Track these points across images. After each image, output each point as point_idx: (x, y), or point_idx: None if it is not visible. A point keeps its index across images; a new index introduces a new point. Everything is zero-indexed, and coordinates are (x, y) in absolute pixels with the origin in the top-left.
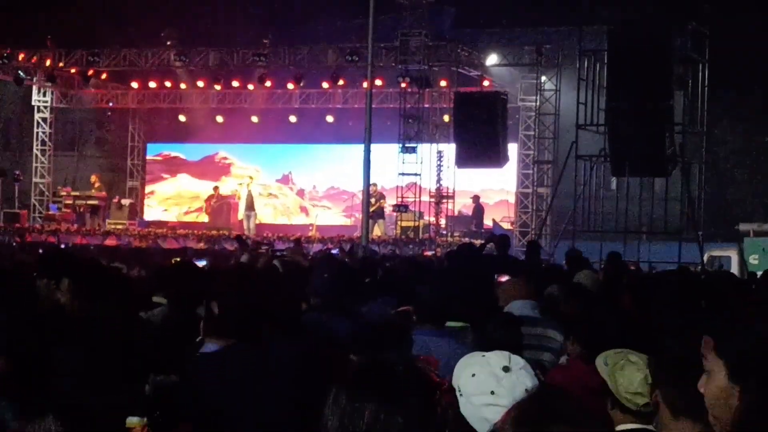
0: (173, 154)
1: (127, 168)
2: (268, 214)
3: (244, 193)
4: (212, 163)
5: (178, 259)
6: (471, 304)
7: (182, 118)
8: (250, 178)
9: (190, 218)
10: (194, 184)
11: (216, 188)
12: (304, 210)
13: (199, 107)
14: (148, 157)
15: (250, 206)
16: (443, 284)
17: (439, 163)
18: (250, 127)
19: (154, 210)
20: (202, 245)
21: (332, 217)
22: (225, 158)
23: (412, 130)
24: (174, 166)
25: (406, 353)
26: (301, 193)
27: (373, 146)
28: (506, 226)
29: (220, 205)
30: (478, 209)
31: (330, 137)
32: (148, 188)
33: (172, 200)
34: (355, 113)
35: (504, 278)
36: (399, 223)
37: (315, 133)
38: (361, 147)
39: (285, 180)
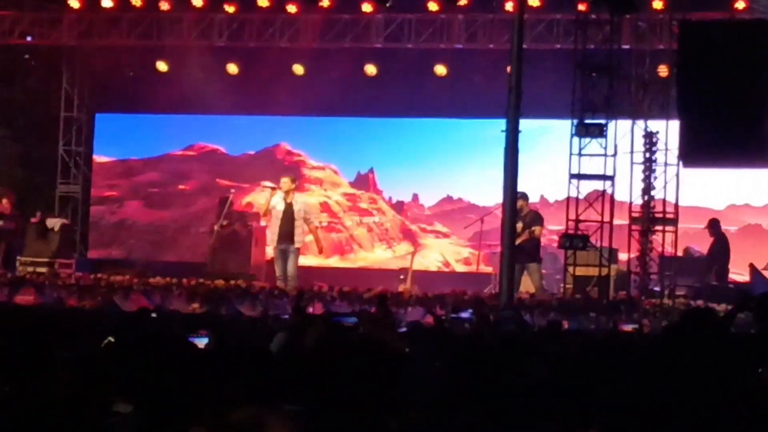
0: (210, 145)
1: (58, 158)
2: (362, 241)
3: (279, 205)
4: (273, 161)
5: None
6: None
7: (162, 66)
8: (292, 181)
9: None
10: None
11: (226, 199)
12: (409, 234)
13: (192, 46)
14: (176, 150)
15: (288, 233)
16: (665, 390)
17: (649, 155)
18: (290, 84)
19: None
20: (196, 306)
21: (448, 251)
22: (289, 152)
23: (597, 94)
24: (212, 166)
25: None
26: (397, 207)
27: (523, 123)
28: None
29: (230, 232)
30: (721, 245)
31: (441, 105)
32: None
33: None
34: (488, 60)
35: None
36: (571, 269)
37: (414, 98)
38: (498, 123)
39: (363, 183)
